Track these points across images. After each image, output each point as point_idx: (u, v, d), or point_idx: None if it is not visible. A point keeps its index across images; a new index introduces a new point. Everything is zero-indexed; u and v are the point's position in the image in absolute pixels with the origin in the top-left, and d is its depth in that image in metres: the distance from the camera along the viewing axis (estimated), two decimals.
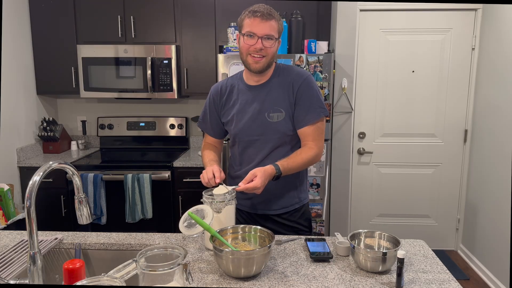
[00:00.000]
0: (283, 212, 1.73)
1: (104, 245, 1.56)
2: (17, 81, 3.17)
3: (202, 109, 1.82)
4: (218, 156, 1.80)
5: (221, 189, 1.48)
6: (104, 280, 0.99)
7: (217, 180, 1.53)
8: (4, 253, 1.45)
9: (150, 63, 3.15)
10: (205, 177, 1.55)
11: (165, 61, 3.19)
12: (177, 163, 3.09)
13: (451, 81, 3.29)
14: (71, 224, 3.11)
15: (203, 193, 1.51)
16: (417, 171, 3.43)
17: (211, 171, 1.55)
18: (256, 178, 1.45)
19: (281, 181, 1.60)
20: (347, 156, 3.31)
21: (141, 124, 3.60)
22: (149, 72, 3.16)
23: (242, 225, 1.45)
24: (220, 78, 2.84)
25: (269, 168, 1.50)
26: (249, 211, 1.76)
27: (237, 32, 3.15)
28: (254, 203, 1.73)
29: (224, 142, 2.00)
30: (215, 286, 1.24)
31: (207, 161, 1.71)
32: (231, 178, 1.81)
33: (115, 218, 3.07)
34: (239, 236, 1.43)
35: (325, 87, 2.89)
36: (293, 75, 1.64)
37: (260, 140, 1.66)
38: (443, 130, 3.36)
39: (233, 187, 1.50)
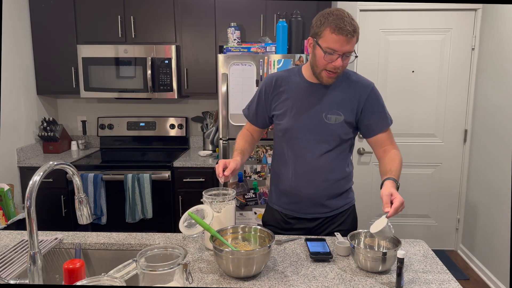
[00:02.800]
0: (333, 214, 1.69)
1: (104, 245, 1.56)
2: (17, 81, 3.17)
3: (251, 98, 1.77)
4: (250, 146, 1.76)
5: (379, 224, 1.31)
6: (104, 280, 0.99)
7: (226, 173, 1.49)
8: (4, 253, 1.45)
9: (150, 63, 3.15)
10: (216, 170, 1.52)
11: (165, 61, 3.19)
12: (177, 163, 3.09)
13: (451, 81, 3.29)
14: (71, 224, 3.11)
15: (203, 193, 1.51)
16: (417, 171, 3.43)
17: (222, 165, 1.51)
18: (395, 194, 1.34)
19: (332, 184, 1.62)
20: None
21: (141, 124, 3.60)
22: (149, 72, 3.16)
23: (242, 225, 1.45)
24: (220, 78, 2.83)
25: (392, 183, 1.43)
26: (296, 216, 1.70)
27: (237, 32, 3.16)
28: (301, 207, 1.68)
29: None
30: (215, 286, 1.24)
31: (235, 149, 1.69)
32: (278, 178, 1.74)
33: (115, 218, 3.07)
34: (239, 236, 1.43)
35: None
36: (360, 83, 1.62)
37: (312, 139, 1.61)
38: (443, 130, 3.36)
39: (384, 215, 1.31)
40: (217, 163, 1.56)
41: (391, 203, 1.32)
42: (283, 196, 1.72)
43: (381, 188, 1.44)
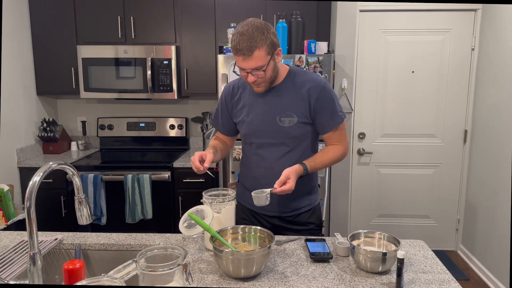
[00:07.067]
0: (294, 214, 1.72)
1: (104, 246, 1.56)
2: (17, 81, 3.17)
3: (216, 108, 1.81)
4: (224, 146, 1.79)
5: (261, 192, 1.48)
6: (104, 280, 0.99)
7: (206, 165, 1.53)
8: (4, 253, 1.45)
9: (150, 63, 3.15)
10: (194, 161, 1.55)
11: (165, 62, 3.19)
12: (177, 164, 3.09)
13: (451, 81, 3.29)
14: (71, 225, 3.11)
15: (203, 193, 1.51)
16: (417, 172, 3.43)
17: (198, 157, 1.54)
18: (290, 180, 1.47)
19: (296, 184, 1.63)
20: (347, 157, 3.30)
21: (141, 124, 3.60)
22: (149, 72, 3.16)
23: (242, 226, 1.45)
24: (220, 79, 2.84)
25: (299, 169, 1.53)
26: (261, 212, 1.75)
27: None
28: (264, 206, 1.69)
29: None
30: (215, 287, 1.24)
31: (208, 147, 1.72)
32: (243, 177, 1.80)
33: (115, 219, 3.07)
34: (239, 237, 1.44)
35: None
36: (310, 82, 1.62)
37: (271, 143, 1.65)
38: (443, 130, 3.36)
39: (270, 189, 1.49)
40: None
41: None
42: (249, 193, 1.73)
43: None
